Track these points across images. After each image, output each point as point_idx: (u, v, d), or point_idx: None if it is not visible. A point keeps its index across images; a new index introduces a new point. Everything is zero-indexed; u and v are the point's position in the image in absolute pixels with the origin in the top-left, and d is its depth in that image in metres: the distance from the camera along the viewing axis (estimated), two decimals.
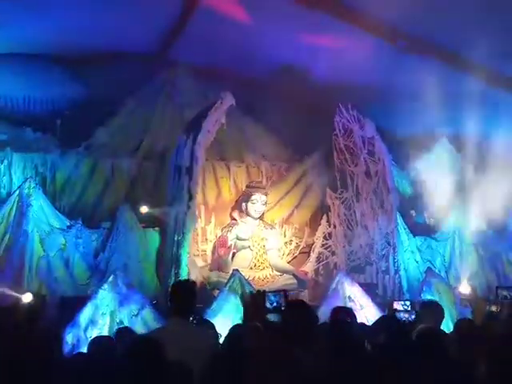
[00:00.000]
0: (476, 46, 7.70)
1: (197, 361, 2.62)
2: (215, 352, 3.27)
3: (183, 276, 7.00)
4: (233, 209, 8.43)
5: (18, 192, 7.40)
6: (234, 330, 3.61)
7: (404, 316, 4.42)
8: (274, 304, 2.85)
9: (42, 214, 7.44)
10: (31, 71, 8.61)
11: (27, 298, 6.05)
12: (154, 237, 7.78)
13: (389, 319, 3.60)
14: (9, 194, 7.58)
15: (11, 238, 7.20)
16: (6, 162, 7.92)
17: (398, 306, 4.82)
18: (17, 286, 6.61)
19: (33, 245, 7.24)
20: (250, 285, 6.67)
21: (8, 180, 7.89)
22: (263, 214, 8.35)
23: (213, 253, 8.08)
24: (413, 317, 4.47)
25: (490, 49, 7.68)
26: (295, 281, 7.89)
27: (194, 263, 7.76)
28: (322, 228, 8.46)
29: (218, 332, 4.10)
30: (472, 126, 9.35)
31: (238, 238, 8.05)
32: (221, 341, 3.84)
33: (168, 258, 7.40)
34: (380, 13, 7.48)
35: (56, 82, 8.70)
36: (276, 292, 3.10)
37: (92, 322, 5.87)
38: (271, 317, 3.00)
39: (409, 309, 4.73)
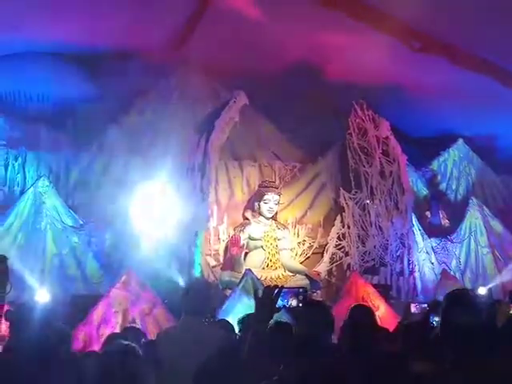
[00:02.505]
0: (492, 45, 7.60)
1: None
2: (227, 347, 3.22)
3: (196, 275, 6.97)
4: (245, 208, 8.37)
5: (31, 190, 7.42)
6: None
7: None
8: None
9: (55, 213, 7.45)
10: (45, 70, 8.62)
11: (44, 296, 6.02)
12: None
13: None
14: (22, 192, 7.61)
15: (24, 235, 7.23)
16: (19, 160, 7.94)
17: (414, 308, 4.71)
18: (30, 284, 6.61)
19: (46, 243, 7.27)
20: (263, 285, 6.61)
21: (22, 178, 7.91)
22: (276, 213, 8.28)
23: (225, 252, 8.03)
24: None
25: (507, 48, 7.57)
26: (308, 281, 7.80)
27: (207, 262, 7.73)
28: (336, 228, 8.37)
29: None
30: (488, 127, 9.25)
31: (250, 238, 7.99)
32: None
33: (180, 257, 7.37)
34: (395, 12, 7.41)
35: (70, 81, 8.71)
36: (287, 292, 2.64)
37: (104, 320, 5.86)
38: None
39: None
